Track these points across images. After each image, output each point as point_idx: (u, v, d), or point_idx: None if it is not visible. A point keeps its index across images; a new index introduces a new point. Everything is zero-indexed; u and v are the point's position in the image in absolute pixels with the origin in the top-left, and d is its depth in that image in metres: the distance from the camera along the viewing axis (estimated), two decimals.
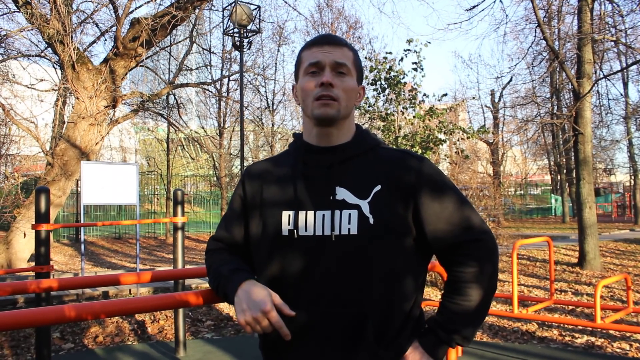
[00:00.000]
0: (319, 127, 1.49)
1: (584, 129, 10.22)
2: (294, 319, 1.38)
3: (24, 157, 14.08)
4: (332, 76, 1.45)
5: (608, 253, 12.29)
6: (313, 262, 1.39)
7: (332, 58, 1.46)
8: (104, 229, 19.82)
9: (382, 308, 1.37)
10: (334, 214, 1.40)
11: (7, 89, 11.84)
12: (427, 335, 1.41)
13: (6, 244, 10.02)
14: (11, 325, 1.28)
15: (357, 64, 1.53)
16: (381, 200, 1.40)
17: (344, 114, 1.48)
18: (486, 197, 10.83)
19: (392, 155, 1.50)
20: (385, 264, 1.37)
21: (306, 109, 1.49)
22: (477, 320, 1.41)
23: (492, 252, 1.42)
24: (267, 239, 1.46)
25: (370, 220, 1.38)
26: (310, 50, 1.50)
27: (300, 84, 1.51)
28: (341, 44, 1.50)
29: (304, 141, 1.54)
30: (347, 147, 1.49)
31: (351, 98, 1.49)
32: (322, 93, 1.44)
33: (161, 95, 13.31)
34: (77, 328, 5.96)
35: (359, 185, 1.43)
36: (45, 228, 4.18)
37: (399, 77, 8.29)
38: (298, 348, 1.39)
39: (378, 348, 1.35)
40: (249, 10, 9.52)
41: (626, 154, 26.61)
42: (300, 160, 1.51)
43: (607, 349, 5.12)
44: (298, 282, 1.40)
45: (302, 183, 1.47)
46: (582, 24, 10.32)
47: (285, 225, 1.43)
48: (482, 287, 1.39)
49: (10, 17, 12.91)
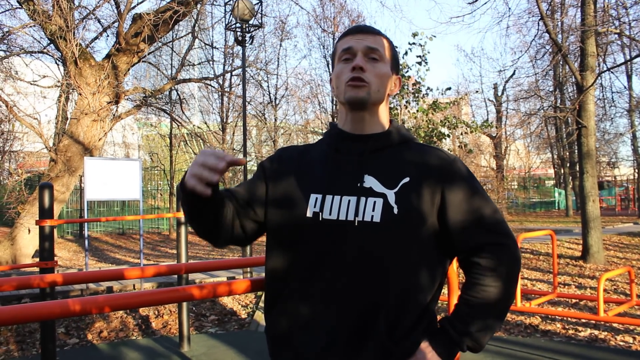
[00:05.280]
0: (351, 112, 1.49)
1: (588, 122, 10.18)
2: (308, 301, 1.37)
3: (28, 153, 14.11)
4: (364, 61, 1.45)
5: (611, 246, 12.27)
6: (334, 245, 1.38)
7: (364, 44, 1.47)
8: (107, 225, 19.87)
9: (397, 300, 1.35)
10: (359, 200, 1.39)
11: (10, 85, 11.87)
12: (438, 335, 1.38)
13: (11, 240, 10.07)
14: (17, 319, 1.29)
15: (392, 51, 1.54)
16: (408, 192, 1.40)
17: (375, 99, 1.48)
18: (490, 190, 10.82)
19: (424, 150, 1.50)
20: (404, 256, 1.36)
21: (339, 95, 1.49)
22: (493, 325, 1.38)
23: (514, 259, 1.40)
24: (291, 220, 1.45)
25: (394, 210, 1.37)
26: (344, 39, 1.51)
27: (334, 72, 1.52)
28: (375, 32, 1.51)
29: (338, 129, 1.55)
30: (380, 137, 1.49)
31: (384, 84, 1.49)
32: (352, 76, 1.44)
33: (164, 91, 13.31)
34: (81, 323, 5.99)
35: (388, 175, 1.43)
36: (49, 224, 4.19)
37: (403, 70, 8.26)
38: (308, 333, 1.38)
39: (388, 341, 1.33)
40: (250, 4, 9.48)
41: (630, 147, 26.55)
42: (333, 147, 1.51)
43: (611, 342, 5.12)
44: (315, 264, 1.39)
45: (333, 168, 1.47)
46: (585, 16, 10.26)
47: (311, 208, 1.43)
48: (501, 293, 1.37)
49: (12, 14, 12.94)
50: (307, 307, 1.38)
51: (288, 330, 1.41)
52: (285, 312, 1.42)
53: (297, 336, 1.39)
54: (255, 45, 20.92)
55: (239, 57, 18.08)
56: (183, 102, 16.13)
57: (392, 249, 1.36)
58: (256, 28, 10.11)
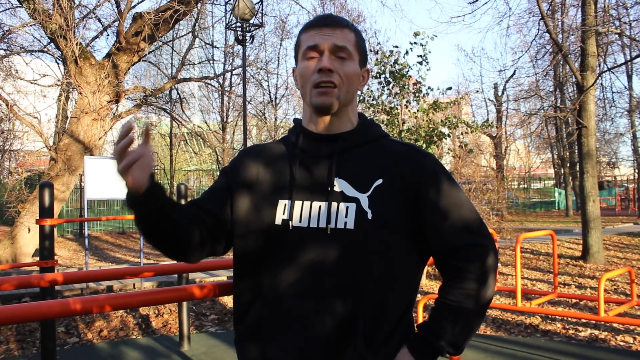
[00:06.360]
0: (318, 115, 1.41)
1: (588, 122, 10.18)
2: (280, 311, 1.30)
3: (28, 152, 14.13)
4: (331, 61, 1.35)
5: (612, 246, 12.27)
6: (306, 255, 1.31)
7: (331, 41, 1.36)
8: (107, 224, 19.86)
9: (374, 309, 1.28)
10: (330, 205, 1.32)
11: (11, 84, 11.87)
12: (416, 341, 1.33)
13: (11, 239, 10.07)
14: (17, 318, 1.28)
15: (359, 45, 1.43)
16: (382, 195, 1.32)
17: (345, 101, 1.39)
18: (489, 190, 10.82)
19: (397, 148, 1.41)
20: (380, 263, 1.29)
21: (305, 95, 1.40)
22: (471, 327, 1.34)
23: (491, 260, 1.35)
24: (258, 227, 1.37)
25: (368, 215, 1.30)
26: (309, 33, 1.40)
27: (298, 68, 1.42)
28: (341, 24, 1.40)
29: (303, 127, 1.45)
30: (349, 136, 1.41)
31: (353, 83, 1.40)
32: (320, 79, 1.35)
33: (164, 90, 13.30)
34: (81, 322, 5.99)
35: (360, 177, 1.35)
36: (49, 223, 4.19)
37: (404, 70, 8.26)
38: (281, 346, 1.30)
39: (366, 351, 1.27)
40: (251, 4, 9.49)
41: (630, 147, 26.57)
42: (299, 148, 1.42)
43: (611, 342, 5.12)
44: (288, 274, 1.31)
45: (300, 171, 1.39)
46: (586, 16, 10.26)
47: (280, 215, 1.35)
48: (478, 295, 1.32)
49: (12, 13, 12.93)
50: (278, 319, 1.31)
51: (260, 343, 1.33)
52: (256, 323, 1.34)
53: (269, 349, 1.32)
54: (255, 45, 20.92)
55: (240, 57, 18.08)
56: (183, 101, 16.11)
57: (368, 257, 1.29)
58: (256, 27, 10.11)
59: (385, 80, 8.42)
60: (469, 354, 4.70)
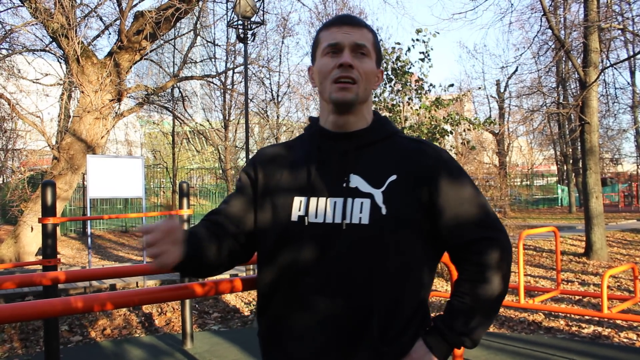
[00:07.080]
0: (336, 112, 1.43)
1: (591, 119, 10.15)
2: (298, 305, 1.35)
3: (30, 151, 14.13)
4: (351, 57, 1.39)
5: (615, 243, 12.25)
6: (322, 250, 1.34)
7: (351, 39, 1.40)
8: (110, 222, 19.90)
9: (389, 303, 1.32)
10: (346, 201, 1.35)
11: (13, 83, 11.88)
12: (432, 334, 1.35)
13: (14, 237, 10.10)
14: (20, 317, 1.29)
15: (376, 46, 1.47)
16: (396, 190, 1.35)
17: (362, 98, 1.42)
18: (492, 187, 10.80)
19: (410, 144, 1.44)
20: (395, 257, 1.32)
21: (323, 92, 1.43)
22: (486, 321, 1.36)
23: (505, 253, 1.37)
24: (276, 225, 1.41)
25: (382, 211, 1.33)
26: (329, 31, 1.44)
27: (317, 65, 1.45)
28: (361, 24, 1.45)
29: (319, 126, 1.49)
30: (364, 134, 1.44)
31: (370, 81, 1.44)
32: (341, 75, 1.38)
33: (166, 89, 13.31)
34: (85, 321, 6.00)
35: (374, 173, 1.38)
36: (52, 221, 4.20)
37: (406, 67, 8.24)
38: (300, 338, 1.35)
39: (381, 344, 1.30)
40: (252, 2, 9.46)
41: (633, 144, 26.53)
42: (315, 146, 1.46)
43: (614, 339, 5.11)
44: (305, 270, 1.35)
45: (316, 169, 1.42)
46: (588, 12, 10.22)
47: (296, 211, 1.39)
48: (493, 289, 1.34)
49: (14, 12, 12.94)
50: (297, 312, 1.35)
51: (280, 335, 1.39)
52: (276, 316, 1.40)
53: (288, 341, 1.37)
54: (257, 43, 20.89)
55: (241, 55, 18.03)
56: (185, 99, 16.12)
57: (382, 251, 1.32)
58: (258, 25, 10.09)
59: (387, 77, 8.41)
60: (472, 351, 4.70)
